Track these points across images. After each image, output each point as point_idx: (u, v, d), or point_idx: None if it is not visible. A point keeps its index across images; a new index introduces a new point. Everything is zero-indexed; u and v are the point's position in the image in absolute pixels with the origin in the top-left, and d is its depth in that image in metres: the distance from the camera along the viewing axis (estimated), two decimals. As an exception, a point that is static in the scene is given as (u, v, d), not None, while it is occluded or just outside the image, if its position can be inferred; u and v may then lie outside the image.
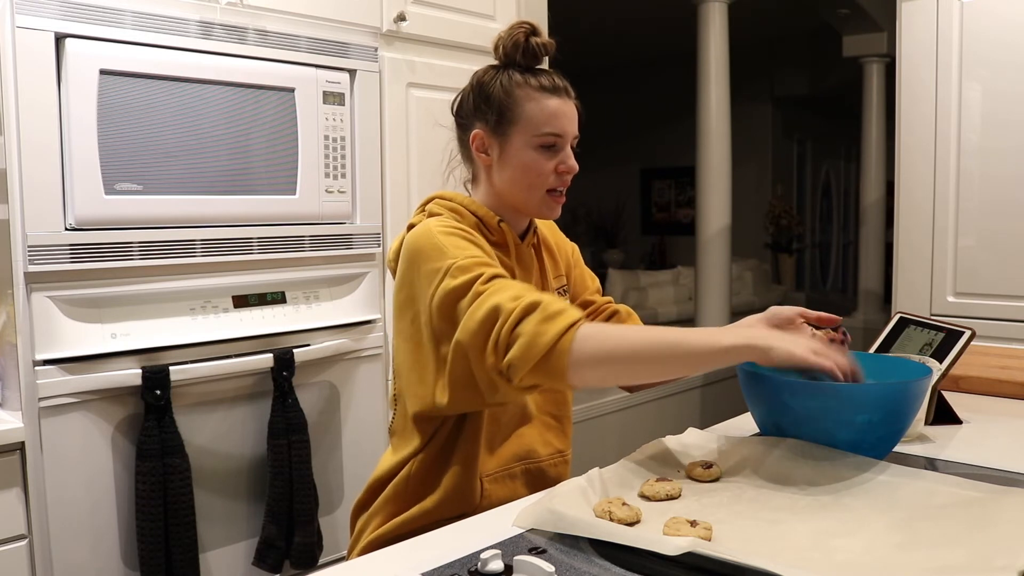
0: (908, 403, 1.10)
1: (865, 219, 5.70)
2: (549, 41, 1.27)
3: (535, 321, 1.04)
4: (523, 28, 1.25)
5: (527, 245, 1.33)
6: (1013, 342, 2.35)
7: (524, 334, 1.04)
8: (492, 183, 1.28)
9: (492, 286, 1.10)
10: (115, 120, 1.65)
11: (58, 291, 1.63)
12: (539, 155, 1.23)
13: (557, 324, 1.04)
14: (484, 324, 1.07)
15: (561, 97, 1.25)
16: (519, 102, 1.23)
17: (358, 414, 2.11)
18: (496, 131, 1.25)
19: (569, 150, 1.26)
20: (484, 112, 1.26)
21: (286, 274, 1.97)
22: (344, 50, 2.03)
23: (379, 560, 0.91)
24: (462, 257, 1.14)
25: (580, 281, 1.45)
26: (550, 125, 1.23)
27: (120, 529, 1.71)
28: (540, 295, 1.08)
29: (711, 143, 4.40)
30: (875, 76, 5.48)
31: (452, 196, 1.29)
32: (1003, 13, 2.43)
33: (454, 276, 1.12)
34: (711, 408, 4.16)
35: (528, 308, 1.05)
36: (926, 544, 0.86)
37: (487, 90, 1.26)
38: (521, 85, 1.24)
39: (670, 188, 8.09)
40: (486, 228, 1.27)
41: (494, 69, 1.28)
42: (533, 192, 1.25)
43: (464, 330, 1.09)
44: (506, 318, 1.06)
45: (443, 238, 1.17)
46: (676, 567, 0.81)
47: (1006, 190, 2.46)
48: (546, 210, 1.28)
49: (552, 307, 1.06)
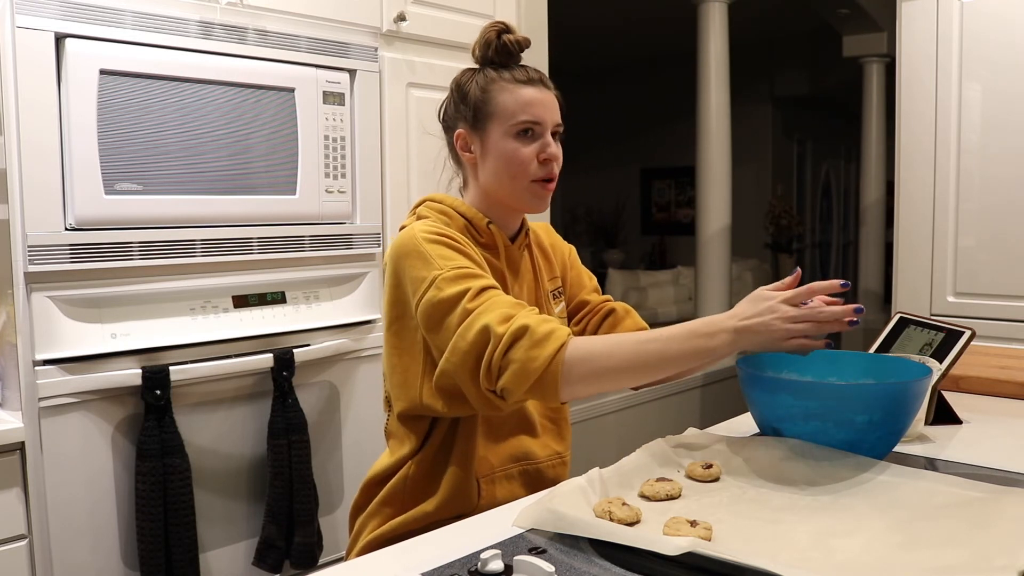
0: (908, 403, 1.10)
1: (865, 219, 5.70)
2: (523, 38, 1.28)
3: (525, 347, 1.07)
4: (495, 27, 1.28)
5: (518, 247, 1.33)
6: (1013, 342, 2.35)
7: (515, 360, 1.07)
8: (479, 181, 1.29)
9: (481, 302, 1.11)
10: (115, 120, 1.65)
11: (58, 291, 1.63)
12: (518, 143, 1.24)
13: (547, 348, 1.07)
14: (474, 347, 1.10)
15: (536, 87, 1.26)
16: (493, 95, 1.25)
17: (358, 414, 2.11)
18: (475, 127, 1.27)
19: (550, 138, 1.26)
20: (463, 111, 1.28)
21: (286, 274, 1.97)
22: (344, 50, 2.03)
23: (379, 560, 0.91)
24: (448, 268, 1.15)
25: (577, 281, 1.46)
26: (525, 112, 1.24)
27: (120, 529, 1.71)
28: (528, 315, 1.10)
29: (711, 143, 4.39)
30: (875, 76, 5.48)
31: (442, 199, 1.30)
32: (1003, 13, 2.43)
33: (440, 288, 1.13)
34: (711, 408, 4.16)
35: (517, 333, 1.08)
36: (926, 544, 0.86)
37: (464, 90, 1.28)
38: (495, 80, 1.26)
39: (670, 188, 8.09)
40: (475, 230, 1.28)
41: (471, 71, 1.30)
42: (516, 182, 1.25)
43: (455, 352, 1.11)
44: (496, 344, 1.08)
45: (428, 246, 1.17)
46: (676, 567, 0.81)
47: (1006, 190, 2.46)
48: (534, 200, 1.27)
49: (540, 330, 1.08)
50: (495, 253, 1.28)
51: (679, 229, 7.91)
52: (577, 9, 4.92)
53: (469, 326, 1.10)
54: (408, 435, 1.25)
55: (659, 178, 8.13)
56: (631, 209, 8.21)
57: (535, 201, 1.27)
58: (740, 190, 5.05)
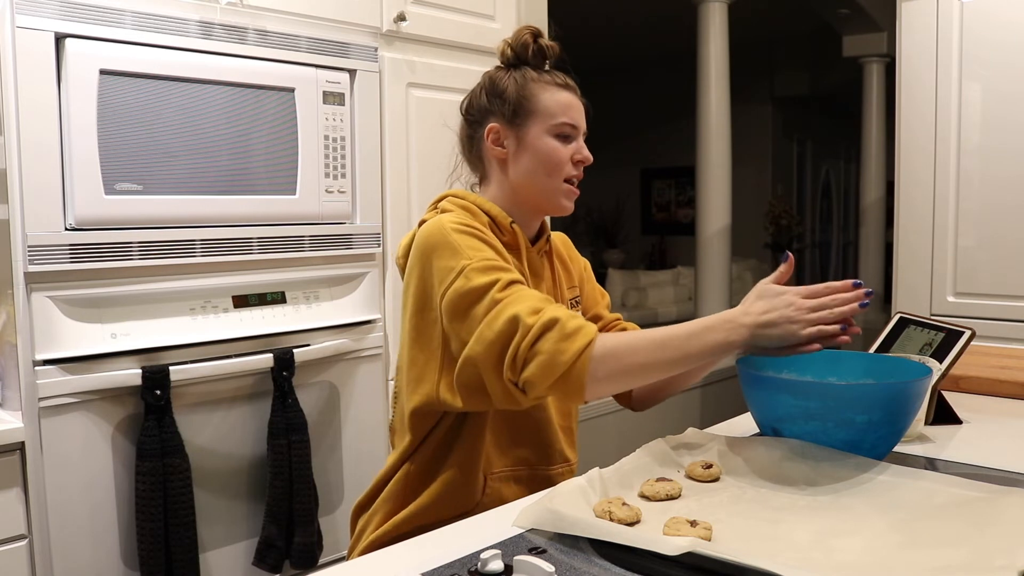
0: (908, 403, 1.10)
1: (865, 219, 5.70)
2: (553, 44, 1.32)
3: (554, 339, 1.06)
4: (530, 30, 1.31)
5: (538, 251, 1.33)
6: (1013, 342, 2.35)
7: (544, 352, 1.06)
8: (507, 177, 1.29)
9: (510, 294, 1.11)
10: (115, 120, 1.65)
11: (58, 291, 1.63)
12: (558, 143, 1.27)
13: (576, 342, 1.06)
14: (502, 336, 1.08)
15: (573, 92, 1.30)
16: (535, 93, 1.27)
17: (358, 414, 2.11)
18: (512, 123, 1.28)
19: (583, 141, 1.30)
20: (499, 106, 1.29)
21: (286, 274, 1.97)
22: (344, 50, 2.03)
23: (379, 560, 0.91)
24: (478, 259, 1.14)
25: (591, 296, 1.47)
26: (566, 115, 1.27)
27: (120, 529, 1.71)
28: (557, 309, 1.09)
29: (711, 143, 4.40)
30: (875, 76, 5.48)
31: (464, 195, 1.30)
32: (1003, 13, 2.43)
33: (468, 278, 1.12)
34: (711, 408, 4.16)
35: (547, 325, 1.07)
36: (926, 544, 0.86)
37: (500, 86, 1.29)
38: (535, 80, 1.28)
39: (670, 188, 8.10)
40: (498, 228, 1.27)
41: (504, 69, 1.31)
42: (552, 180, 1.27)
43: (480, 341, 1.10)
44: (525, 333, 1.07)
45: (456, 236, 1.17)
46: (676, 567, 0.81)
47: (1006, 190, 2.46)
48: (564, 200, 1.29)
49: (570, 325, 1.07)
50: (516, 254, 1.28)
51: (679, 229, 7.92)
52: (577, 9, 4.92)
53: (498, 315, 1.09)
54: (410, 432, 1.25)
55: (659, 178, 8.14)
56: (631, 209, 8.22)
57: (565, 201, 1.29)
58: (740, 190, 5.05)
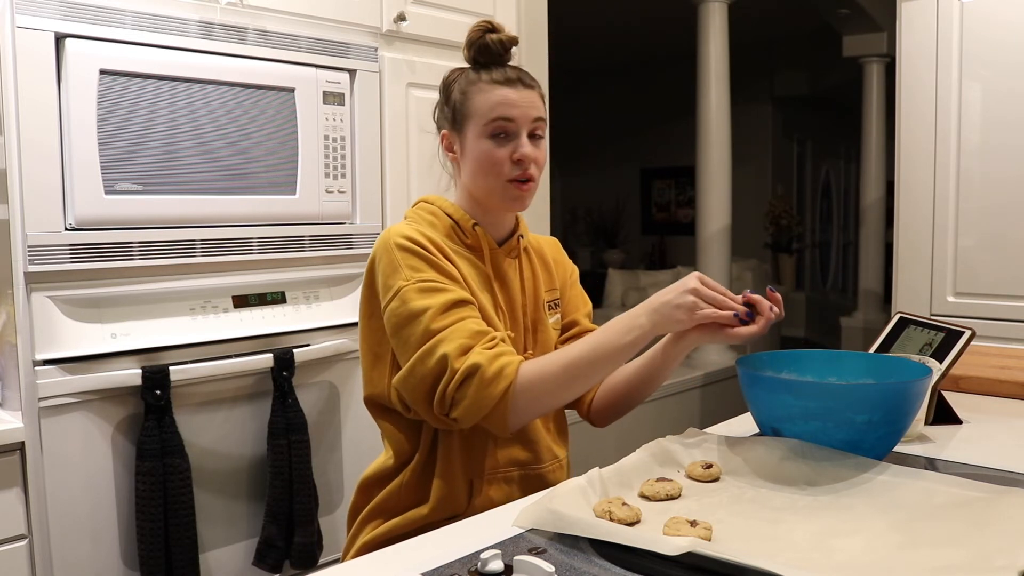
0: (908, 403, 1.10)
1: (865, 219, 5.70)
2: (507, 37, 1.28)
3: (475, 387, 1.12)
4: (480, 27, 1.28)
5: (507, 252, 1.32)
6: (1013, 342, 2.35)
7: (467, 397, 1.13)
8: (463, 181, 1.31)
9: (444, 325, 1.15)
10: (115, 120, 1.65)
11: (58, 291, 1.63)
12: (492, 144, 1.25)
13: (497, 387, 1.12)
14: (431, 375, 1.15)
15: (513, 87, 1.25)
16: (471, 96, 1.26)
17: (358, 414, 2.11)
18: (455, 128, 1.29)
19: (525, 139, 1.25)
20: (447, 112, 1.30)
21: (286, 274, 1.97)
22: (344, 50, 2.03)
23: (379, 560, 0.91)
24: (414, 280, 1.18)
25: (573, 302, 1.45)
26: (496, 112, 1.24)
27: (120, 529, 1.71)
28: (482, 351, 1.14)
29: (711, 143, 4.39)
30: (875, 76, 5.48)
31: (433, 200, 1.31)
32: (1003, 13, 2.43)
33: (403, 300, 1.17)
34: (711, 408, 4.16)
35: (470, 371, 1.12)
36: (926, 544, 0.86)
37: (448, 91, 1.30)
38: (475, 81, 1.26)
39: (670, 188, 8.09)
40: (461, 231, 1.28)
41: (457, 72, 1.31)
42: (491, 182, 1.26)
43: (412, 375, 1.16)
44: (451, 377, 1.13)
45: (399, 253, 1.20)
46: (676, 567, 0.81)
47: (1006, 190, 2.46)
48: (510, 201, 1.27)
49: (491, 370, 1.12)
50: (480, 255, 1.28)
51: (679, 229, 7.91)
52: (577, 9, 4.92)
53: (430, 352, 1.14)
54: (403, 441, 1.27)
55: (659, 178, 8.13)
56: (631, 209, 8.21)
57: (511, 202, 1.27)
58: (740, 190, 5.05)
